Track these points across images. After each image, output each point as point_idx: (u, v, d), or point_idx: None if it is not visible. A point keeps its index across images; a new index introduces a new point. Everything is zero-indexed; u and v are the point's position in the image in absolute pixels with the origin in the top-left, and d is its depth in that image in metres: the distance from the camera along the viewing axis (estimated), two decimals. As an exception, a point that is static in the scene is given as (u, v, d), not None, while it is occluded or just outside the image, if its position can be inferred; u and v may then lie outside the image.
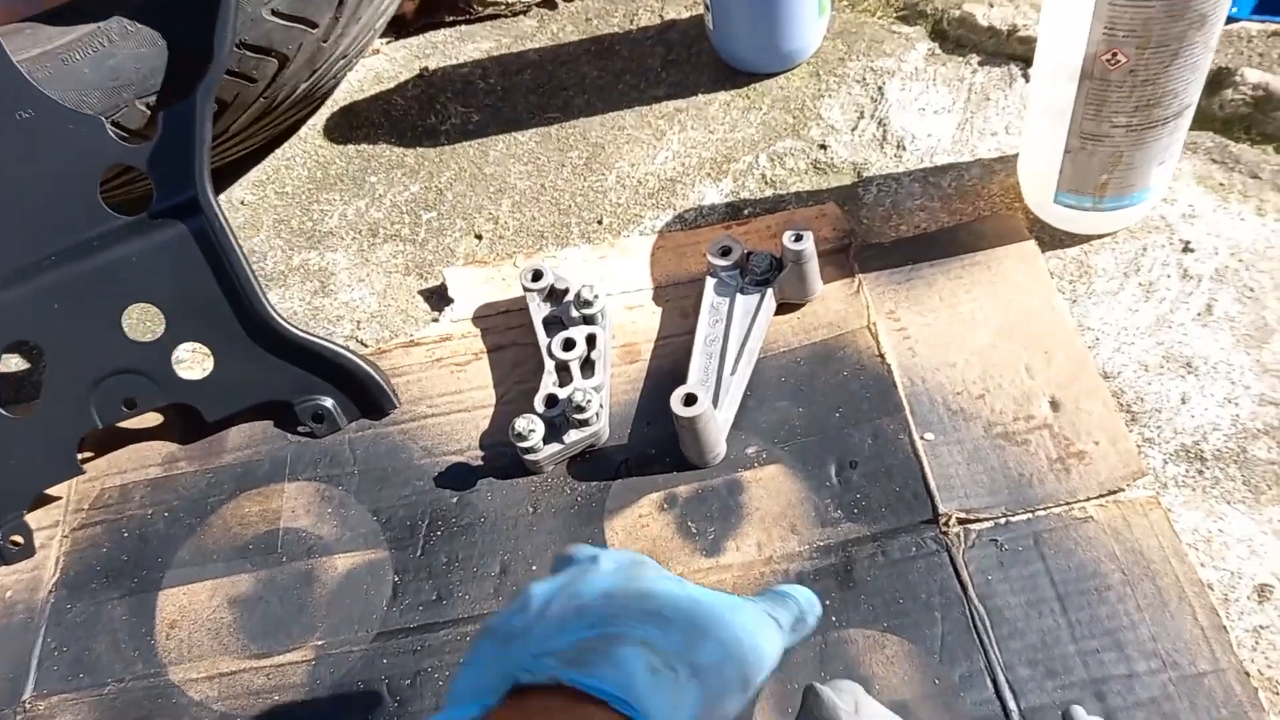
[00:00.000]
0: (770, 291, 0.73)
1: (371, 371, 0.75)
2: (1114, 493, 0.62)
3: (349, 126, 0.96)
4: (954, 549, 0.62)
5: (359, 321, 0.83)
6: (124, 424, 0.76)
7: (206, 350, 0.74)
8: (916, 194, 0.80)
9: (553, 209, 0.86)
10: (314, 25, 0.75)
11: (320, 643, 0.66)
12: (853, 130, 0.85)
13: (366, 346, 0.81)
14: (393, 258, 0.86)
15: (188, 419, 0.77)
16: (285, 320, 0.73)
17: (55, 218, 0.69)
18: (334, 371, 0.75)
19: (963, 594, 0.60)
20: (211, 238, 0.70)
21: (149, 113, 0.71)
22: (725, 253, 0.74)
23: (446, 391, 0.77)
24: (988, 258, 0.74)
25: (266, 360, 0.74)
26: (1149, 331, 0.69)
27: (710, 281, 0.74)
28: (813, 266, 0.72)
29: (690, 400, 0.65)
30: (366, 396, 0.76)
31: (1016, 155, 0.80)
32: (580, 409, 0.69)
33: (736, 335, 0.71)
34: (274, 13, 0.71)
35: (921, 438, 0.66)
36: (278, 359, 0.74)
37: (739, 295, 0.73)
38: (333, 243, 0.88)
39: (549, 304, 0.77)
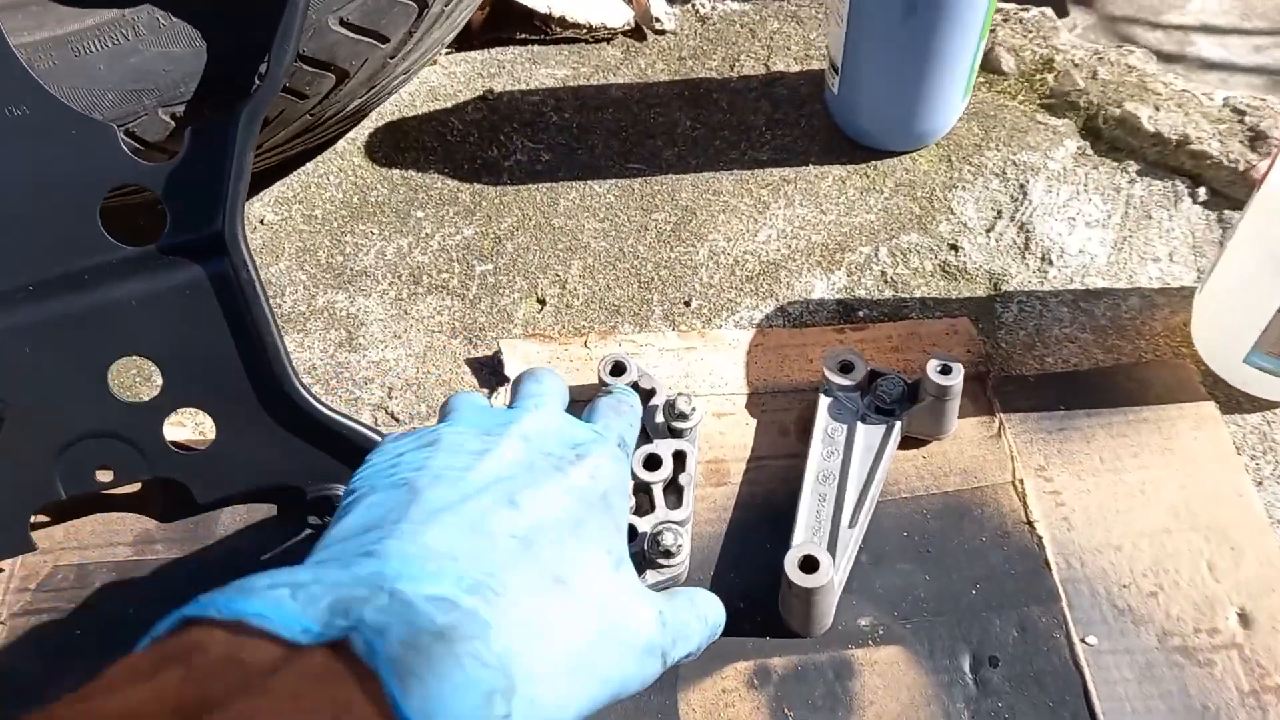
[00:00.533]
0: (899, 425, 0.61)
1: (406, 462, 0.62)
2: (1318, 743, 0.50)
3: (396, 148, 0.83)
4: (1126, 797, 0.50)
5: (390, 389, 0.70)
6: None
7: (207, 420, 0.60)
8: (1065, 320, 0.68)
9: (632, 280, 0.73)
10: (385, 40, 0.61)
11: None
12: (989, 231, 0.73)
13: (399, 423, 0.68)
14: (437, 314, 0.73)
15: (171, 493, 0.63)
16: (310, 393, 0.59)
17: (42, 241, 0.55)
18: (356, 456, 0.61)
19: None
20: (235, 287, 0.56)
21: (173, 124, 0.57)
22: (846, 369, 0.62)
23: (493, 495, 0.64)
24: (1157, 416, 0.62)
25: (281, 438, 0.60)
26: (1346, 531, 0.58)
27: (825, 402, 0.62)
28: (955, 404, 0.60)
29: (810, 565, 0.53)
30: (396, 491, 0.62)
31: (1182, 289, 0.69)
32: (668, 553, 0.56)
33: (857, 476, 0.59)
34: (343, 23, 0.57)
35: (1083, 640, 0.55)
36: (296, 438, 0.60)
37: (860, 424, 0.61)
38: (366, 285, 0.75)
39: (628, 404, 0.64)
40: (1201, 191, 0.74)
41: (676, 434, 0.62)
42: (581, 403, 0.56)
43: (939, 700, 0.53)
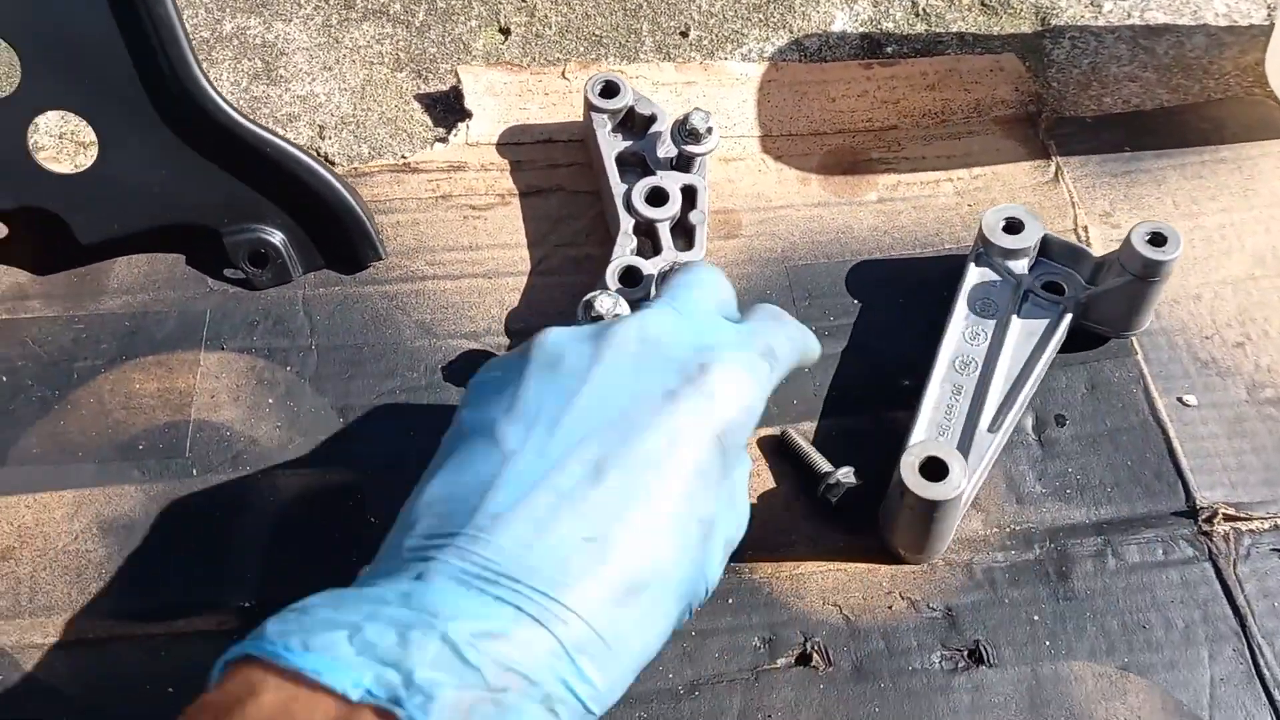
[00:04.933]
0: (1069, 318, 0.47)
1: (349, 197, 0.50)
2: None
3: None
4: (1221, 558, 0.43)
5: (322, 127, 0.57)
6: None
7: (86, 128, 0.46)
8: (1123, 57, 0.59)
9: (615, 6, 0.61)
10: None
11: (247, 605, 0.42)
12: (1033, -37, 0.63)
13: (335, 165, 0.55)
14: (375, 43, 0.59)
15: (48, 235, 0.49)
16: (220, 94, 0.46)
17: None
18: (291, 190, 0.49)
19: (1240, 625, 0.41)
20: (112, -63, 0.42)
21: None
22: (1013, 228, 0.47)
23: (457, 245, 0.52)
24: (1236, 155, 0.54)
25: (185, 156, 0.47)
26: None
27: (975, 272, 0.48)
28: (1160, 290, 0.46)
29: (938, 469, 0.39)
30: (337, 235, 0.50)
31: (1252, 27, 0.60)
32: (683, 294, 0.46)
33: (1007, 369, 0.45)
34: None
35: (1161, 394, 0.47)
36: (203, 157, 0.47)
37: (1022, 304, 0.47)
38: (285, 9, 0.61)
39: (622, 135, 0.53)
40: (1268, -74, 0.64)
41: (685, 165, 0.51)
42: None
43: (999, 463, 0.46)
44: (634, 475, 0.31)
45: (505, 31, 0.60)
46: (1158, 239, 0.43)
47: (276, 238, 0.50)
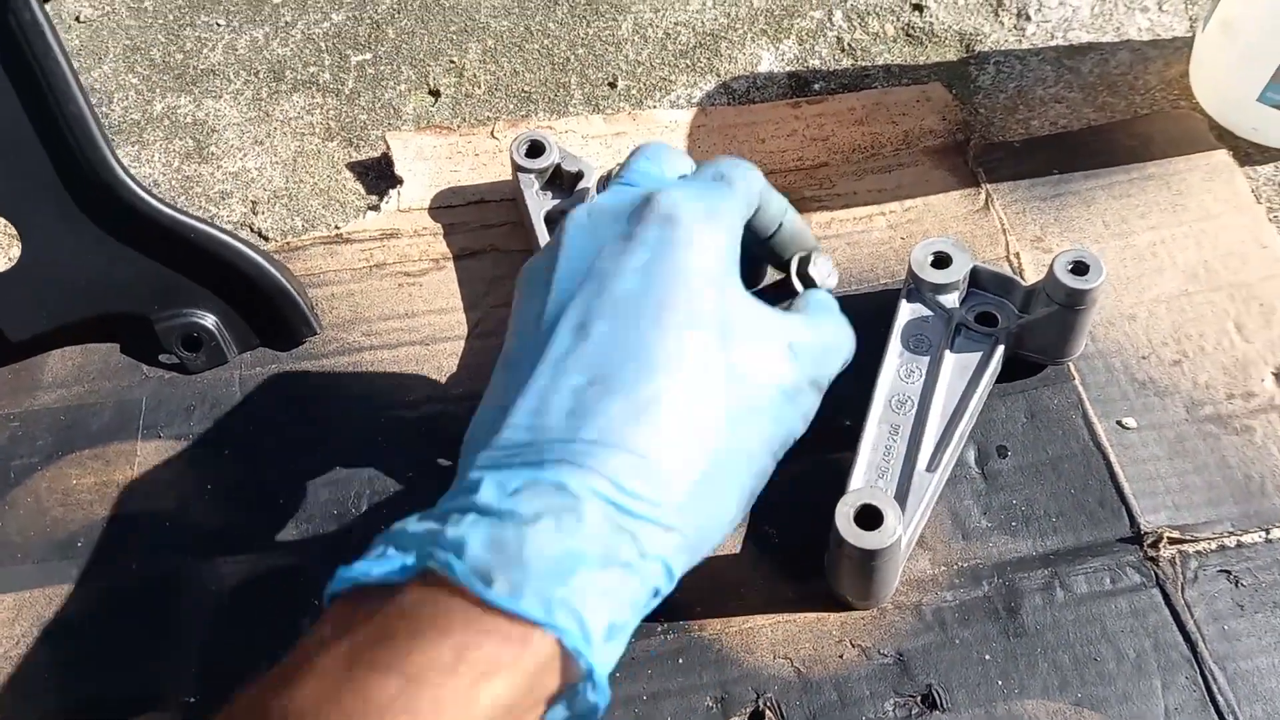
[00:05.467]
0: (1001, 349, 0.46)
1: (279, 276, 0.50)
2: (1369, 507, 0.44)
3: (240, -76, 0.67)
4: (1169, 583, 0.43)
5: (255, 202, 0.57)
6: None
7: (7, 225, 0.46)
8: (1049, 79, 0.59)
9: (543, 61, 0.61)
10: None
11: (191, 700, 0.42)
12: (955, -10, 0.63)
13: (268, 240, 0.55)
14: (306, 113, 0.60)
15: (-22, 334, 0.49)
16: (141, 185, 0.46)
17: None
18: (220, 273, 0.49)
19: (1191, 652, 0.41)
20: (19, 37, 0.42)
21: None
22: (941, 263, 0.47)
23: (393, 314, 0.52)
24: (1164, 171, 0.54)
25: (110, 248, 0.47)
26: (1372, 285, 0.51)
27: (907, 307, 0.47)
28: (1090, 317, 0.45)
29: (873, 518, 0.39)
30: (270, 314, 0.50)
31: (1175, 40, 0.60)
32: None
33: (943, 404, 0.45)
34: None
35: (1101, 418, 0.47)
36: (129, 248, 0.47)
37: (954, 338, 0.46)
38: (215, 86, 0.61)
39: (551, 193, 0.53)
40: (1185, -63, 0.65)
41: (613, 221, 0.51)
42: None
43: (943, 498, 0.45)
44: (616, 318, 0.32)
45: (435, 93, 0.60)
46: (1080, 267, 0.43)
47: (209, 320, 0.50)
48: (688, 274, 0.33)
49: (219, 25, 0.63)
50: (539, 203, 0.52)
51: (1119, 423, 0.47)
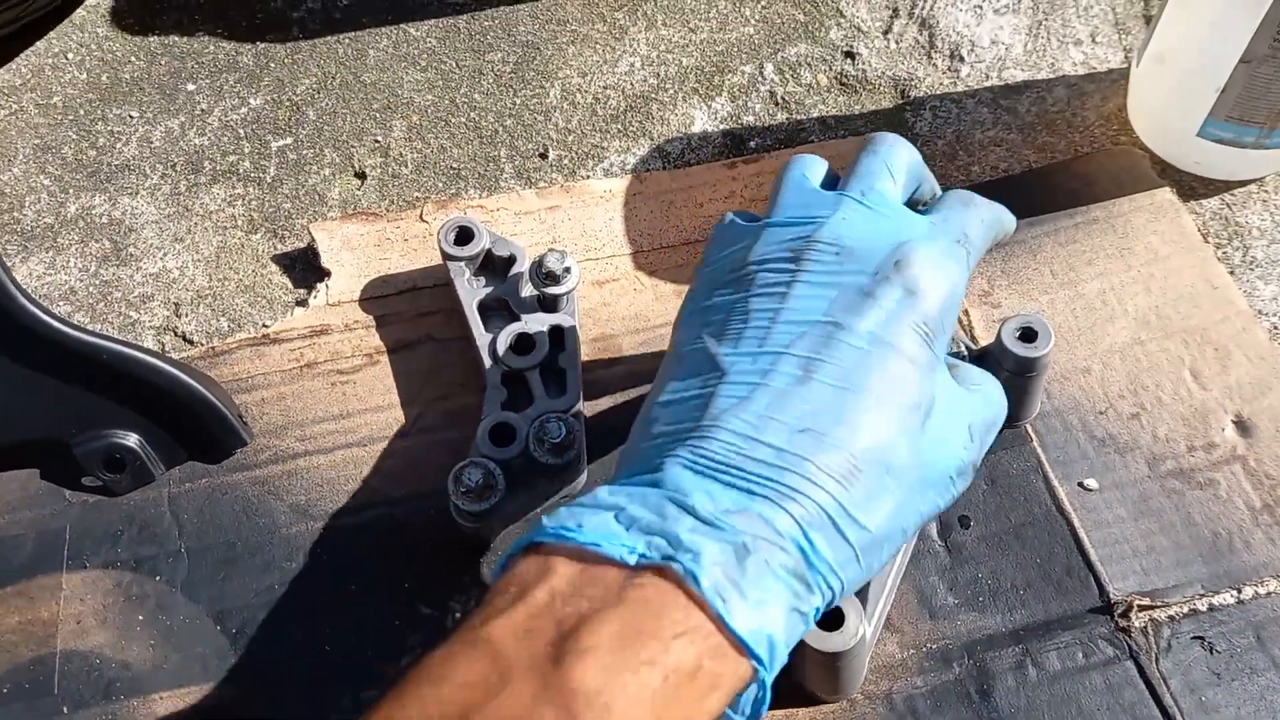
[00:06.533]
0: None
1: (200, 388, 0.47)
2: (1339, 555, 0.43)
3: (150, 9, 0.65)
4: (1142, 654, 0.41)
5: (178, 304, 0.54)
6: None
7: (-94, 364, 0.44)
8: (986, 122, 0.58)
9: (470, 136, 0.59)
10: None
11: None
12: (886, 33, 0.62)
13: (193, 344, 0.53)
14: (227, 205, 0.57)
15: (-115, 473, 0.47)
16: (43, 308, 0.44)
17: None
18: (137, 390, 0.47)
19: (1169, 729, 0.40)
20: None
21: None
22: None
23: (327, 415, 0.50)
24: (1108, 213, 0.53)
25: (18, 374, 0.45)
26: (1326, 316, 0.50)
27: None
28: (1041, 383, 0.45)
29: (835, 617, 0.37)
30: (195, 427, 0.48)
31: (1111, 72, 0.59)
32: (559, 447, 0.44)
33: None
34: None
35: (1061, 481, 0.45)
36: (38, 372, 0.45)
37: None
38: (131, 182, 0.58)
39: (485, 280, 0.51)
40: (1113, -35, 0.64)
41: (550, 306, 0.49)
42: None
43: (908, 576, 0.44)
44: (840, 371, 0.33)
45: (361, 176, 0.58)
46: (1028, 334, 0.42)
47: (131, 439, 0.47)
48: (913, 353, 0.34)
49: (132, 118, 0.61)
50: (471, 291, 0.50)
51: (1080, 484, 0.45)
